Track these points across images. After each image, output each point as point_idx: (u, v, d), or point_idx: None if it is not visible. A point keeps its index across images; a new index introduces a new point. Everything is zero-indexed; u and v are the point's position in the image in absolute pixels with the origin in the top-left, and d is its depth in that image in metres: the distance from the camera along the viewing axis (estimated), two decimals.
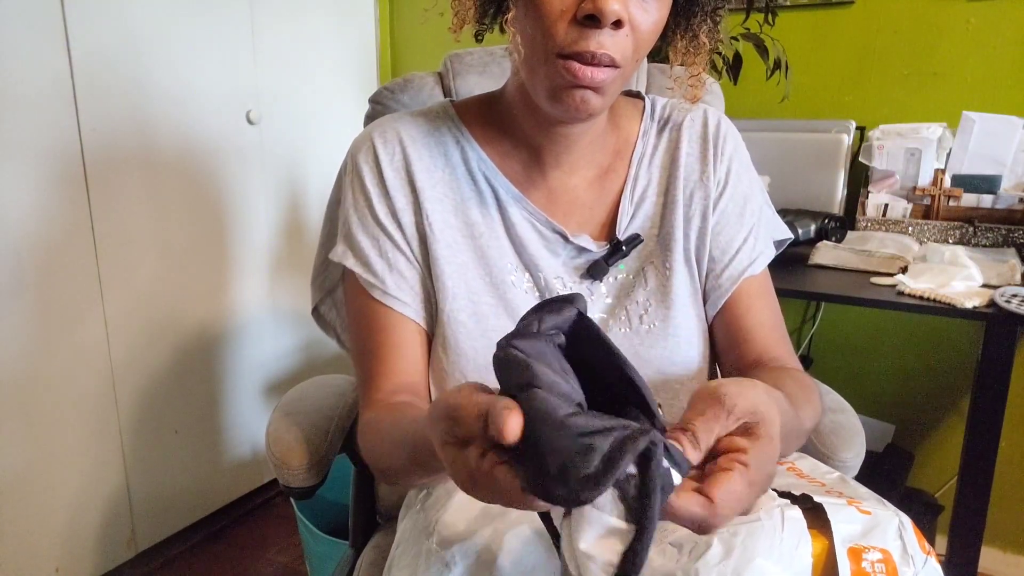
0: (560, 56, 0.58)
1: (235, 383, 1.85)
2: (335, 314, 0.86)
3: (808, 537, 0.45)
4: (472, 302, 0.71)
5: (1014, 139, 1.44)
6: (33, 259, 1.38)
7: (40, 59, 1.35)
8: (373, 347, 0.71)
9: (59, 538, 1.49)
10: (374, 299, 0.71)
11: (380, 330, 0.71)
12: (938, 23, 1.59)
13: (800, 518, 0.46)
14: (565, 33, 0.57)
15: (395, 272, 0.71)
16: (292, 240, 1.95)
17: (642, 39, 0.60)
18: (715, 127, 0.75)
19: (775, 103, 1.68)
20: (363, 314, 0.72)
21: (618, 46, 0.58)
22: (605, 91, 0.60)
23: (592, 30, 0.56)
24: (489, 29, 0.70)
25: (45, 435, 1.44)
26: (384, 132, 0.73)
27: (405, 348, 0.71)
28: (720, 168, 0.75)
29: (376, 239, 0.71)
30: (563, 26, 0.57)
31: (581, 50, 0.57)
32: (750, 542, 0.44)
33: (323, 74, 2.01)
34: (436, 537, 0.56)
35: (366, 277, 0.71)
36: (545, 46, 0.58)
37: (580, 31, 0.57)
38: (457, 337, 0.70)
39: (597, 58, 0.57)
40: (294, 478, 0.84)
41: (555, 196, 0.73)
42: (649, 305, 0.72)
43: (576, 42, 0.57)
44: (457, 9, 0.66)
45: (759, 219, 0.77)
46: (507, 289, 0.71)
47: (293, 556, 1.77)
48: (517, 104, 0.70)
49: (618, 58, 0.58)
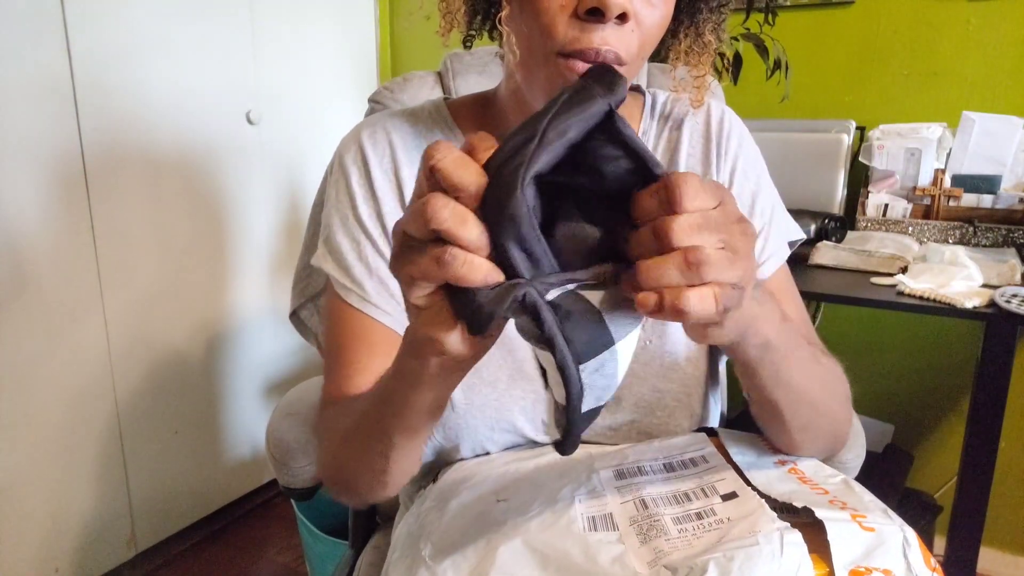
0: (561, 55, 0.54)
1: (235, 383, 1.85)
2: (316, 320, 0.82)
3: (809, 562, 0.44)
4: None
5: (1014, 139, 1.44)
6: (33, 259, 1.38)
7: (40, 59, 1.35)
8: (343, 353, 0.66)
9: (59, 538, 1.49)
10: (350, 304, 0.66)
11: (353, 336, 0.66)
12: (938, 23, 1.59)
13: (800, 543, 0.45)
14: (565, 30, 0.53)
15: (375, 278, 0.66)
16: (292, 240, 1.95)
17: (648, 35, 0.56)
18: (718, 123, 0.71)
19: (775, 103, 1.68)
20: (337, 318, 0.67)
21: (623, 42, 0.54)
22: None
23: (595, 25, 0.52)
24: (479, 35, 0.66)
25: (45, 435, 1.44)
26: (374, 132, 0.70)
27: (377, 356, 0.65)
28: (724, 168, 0.70)
29: (357, 242, 0.67)
30: (563, 22, 0.53)
31: (584, 47, 0.53)
32: (747, 567, 0.43)
33: (323, 74, 2.01)
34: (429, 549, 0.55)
35: (343, 282, 0.66)
36: (544, 45, 0.54)
37: (582, 27, 0.53)
38: None
39: (601, 55, 0.53)
40: (294, 479, 0.84)
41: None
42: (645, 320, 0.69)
43: (578, 39, 0.53)
44: (445, 11, 0.62)
45: (770, 218, 0.72)
46: None
47: (293, 556, 1.77)
48: (510, 105, 0.66)
49: (623, 55, 0.54)
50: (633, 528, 0.51)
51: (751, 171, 0.72)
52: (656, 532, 0.50)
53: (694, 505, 0.53)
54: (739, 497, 0.53)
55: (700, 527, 0.50)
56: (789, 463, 0.60)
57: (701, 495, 0.54)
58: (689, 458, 0.60)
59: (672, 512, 0.52)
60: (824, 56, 1.72)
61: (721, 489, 0.54)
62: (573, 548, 0.51)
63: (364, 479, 0.59)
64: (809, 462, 0.60)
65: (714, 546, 0.47)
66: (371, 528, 0.98)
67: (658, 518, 0.52)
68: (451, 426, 0.67)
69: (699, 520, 0.51)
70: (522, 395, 0.67)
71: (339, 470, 0.61)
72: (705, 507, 0.52)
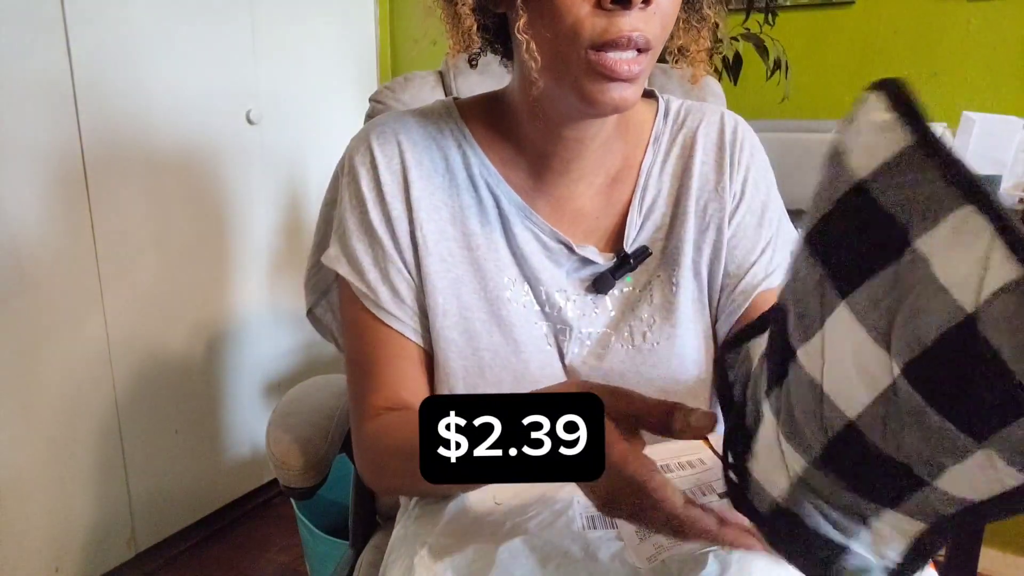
0: (592, 48, 0.54)
1: (235, 383, 1.85)
2: (331, 316, 0.83)
3: None
4: (464, 319, 0.67)
5: (1014, 139, 1.44)
6: (33, 259, 1.38)
7: (40, 59, 1.35)
8: (364, 360, 0.68)
9: (59, 538, 1.49)
10: (367, 310, 0.67)
11: (371, 343, 0.68)
12: (938, 23, 1.59)
13: None
14: (593, 22, 0.53)
15: (387, 283, 0.67)
16: (292, 240, 1.95)
17: (667, 16, 0.57)
18: (732, 133, 0.71)
19: (775, 103, 1.68)
20: (356, 324, 0.69)
21: (650, 25, 0.54)
22: (639, 81, 0.57)
23: (622, 12, 0.53)
24: (483, 53, 0.67)
25: (45, 435, 1.44)
26: (383, 133, 0.69)
27: (397, 363, 0.67)
28: (737, 178, 0.71)
29: (371, 247, 0.68)
30: (588, 17, 0.53)
31: (615, 36, 0.53)
32: (746, 559, 0.44)
33: (323, 74, 2.01)
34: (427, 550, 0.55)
35: (359, 286, 0.67)
36: (573, 44, 0.54)
37: (609, 17, 0.53)
38: (447, 355, 0.67)
39: (633, 41, 0.53)
40: (294, 478, 0.84)
41: (560, 205, 0.69)
42: (653, 322, 0.68)
43: (607, 29, 0.53)
44: (454, 33, 0.62)
45: (778, 230, 0.72)
46: (501, 306, 0.67)
47: (293, 556, 1.77)
48: (522, 110, 0.66)
49: (652, 39, 0.55)
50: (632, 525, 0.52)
51: (762, 182, 0.73)
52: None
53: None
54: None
55: None
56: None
57: (699, 494, 0.54)
58: (687, 460, 0.60)
59: None
60: (824, 56, 1.72)
61: (719, 488, 0.54)
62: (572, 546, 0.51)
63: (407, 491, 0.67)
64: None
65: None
66: (371, 528, 0.98)
67: None
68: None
69: None
70: None
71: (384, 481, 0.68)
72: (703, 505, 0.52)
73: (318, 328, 0.85)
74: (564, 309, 0.68)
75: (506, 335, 0.67)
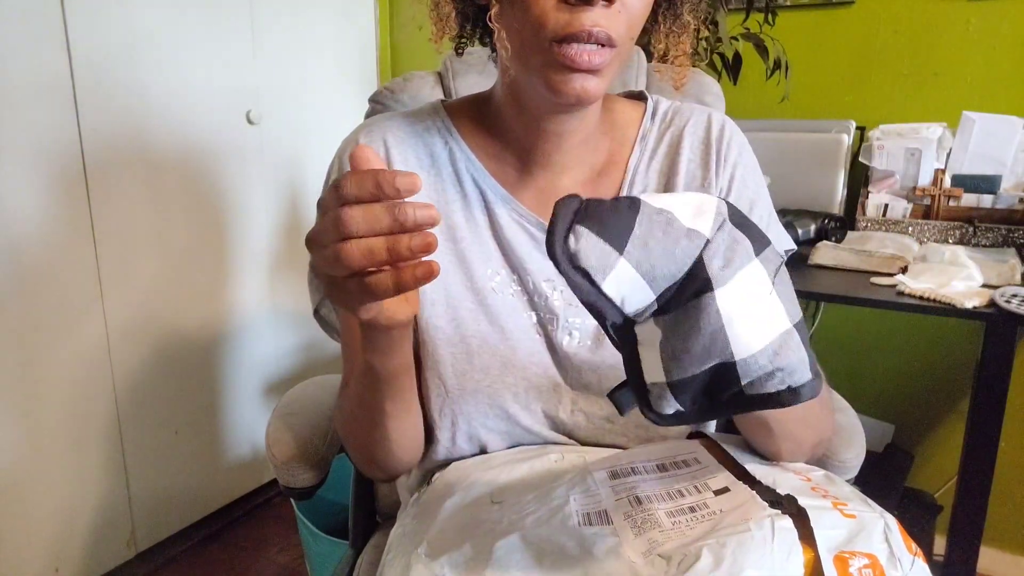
0: (555, 41, 0.57)
1: (235, 383, 1.85)
2: (336, 316, 0.84)
3: (799, 548, 0.45)
4: (451, 307, 0.69)
5: (1014, 139, 1.44)
6: (33, 259, 1.38)
7: (40, 59, 1.35)
8: (353, 341, 0.71)
9: (59, 538, 1.50)
10: None
11: (351, 329, 0.70)
12: (938, 23, 1.60)
13: (791, 528, 0.46)
14: (556, 16, 0.56)
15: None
16: (292, 240, 1.95)
17: (634, 17, 0.59)
18: (719, 131, 0.73)
19: (775, 103, 1.68)
20: (345, 315, 0.72)
21: (612, 22, 0.57)
22: (603, 74, 0.59)
23: (584, 8, 0.56)
24: (470, 41, 0.69)
25: (45, 435, 1.44)
26: (370, 132, 0.72)
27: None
28: (723, 175, 0.72)
29: None
30: (553, 10, 0.56)
31: (576, 30, 0.56)
32: (740, 553, 0.44)
33: (323, 74, 2.01)
34: (425, 547, 0.56)
35: None
36: (537, 35, 0.57)
37: (572, 12, 0.56)
38: (436, 343, 0.69)
39: (593, 36, 0.56)
40: (294, 478, 0.84)
41: (545, 196, 0.71)
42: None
43: (569, 23, 0.56)
44: (435, 19, 0.65)
45: (766, 227, 0.73)
46: (487, 295, 0.69)
47: (293, 556, 1.78)
48: (506, 104, 0.68)
49: (614, 36, 0.57)
50: (627, 522, 0.52)
51: (750, 180, 0.74)
52: (650, 525, 0.51)
53: (687, 500, 0.53)
54: (731, 491, 0.53)
55: (693, 518, 0.51)
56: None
57: (694, 491, 0.55)
58: (682, 459, 0.61)
59: (665, 507, 0.53)
60: (824, 56, 1.72)
61: (713, 485, 0.55)
62: (568, 542, 0.51)
63: (376, 448, 0.68)
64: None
65: (707, 534, 0.47)
66: (371, 528, 0.98)
67: (652, 512, 0.52)
68: (446, 412, 0.69)
69: (692, 513, 0.52)
70: (513, 382, 0.69)
71: (356, 445, 0.70)
72: (698, 501, 0.53)
73: (324, 328, 0.86)
74: (551, 298, 0.70)
75: (493, 323, 0.69)
